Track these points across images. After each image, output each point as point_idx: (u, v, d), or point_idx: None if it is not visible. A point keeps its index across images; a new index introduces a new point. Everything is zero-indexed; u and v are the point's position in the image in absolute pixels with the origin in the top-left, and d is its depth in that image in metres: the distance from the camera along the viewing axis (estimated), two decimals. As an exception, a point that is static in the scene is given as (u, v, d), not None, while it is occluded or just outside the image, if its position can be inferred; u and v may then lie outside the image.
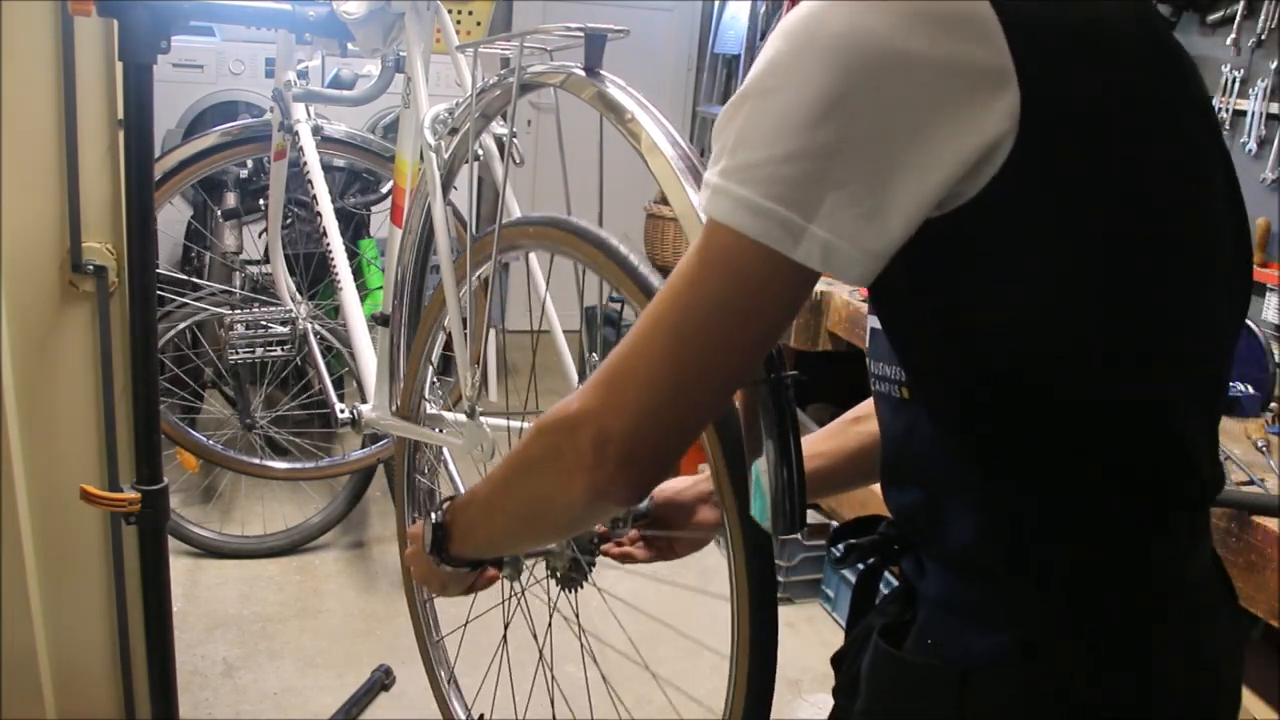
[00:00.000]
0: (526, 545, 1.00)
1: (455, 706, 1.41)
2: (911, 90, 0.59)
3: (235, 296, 2.62)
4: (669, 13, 4.83)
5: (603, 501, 0.69)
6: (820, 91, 0.59)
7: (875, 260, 0.62)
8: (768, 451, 0.78)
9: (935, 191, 0.61)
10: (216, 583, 2.69)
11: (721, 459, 0.82)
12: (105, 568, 1.59)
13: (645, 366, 0.65)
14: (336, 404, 1.84)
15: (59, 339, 1.47)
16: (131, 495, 1.35)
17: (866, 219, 0.60)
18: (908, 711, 0.77)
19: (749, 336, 0.65)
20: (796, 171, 0.60)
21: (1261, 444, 1.74)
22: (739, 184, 0.62)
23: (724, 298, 0.64)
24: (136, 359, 1.34)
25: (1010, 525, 0.72)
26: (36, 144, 1.38)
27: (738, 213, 0.62)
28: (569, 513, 0.74)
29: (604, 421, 0.66)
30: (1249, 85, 2.17)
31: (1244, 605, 1.50)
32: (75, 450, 1.52)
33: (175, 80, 3.05)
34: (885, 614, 0.83)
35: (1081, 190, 0.64)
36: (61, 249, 1.44)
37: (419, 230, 1.44)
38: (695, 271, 0.64)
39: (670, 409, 0.65)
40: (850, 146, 0.60)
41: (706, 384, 0.66)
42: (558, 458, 0.69)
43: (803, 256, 0.61)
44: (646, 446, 0.66)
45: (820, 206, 0.60)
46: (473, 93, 1.19)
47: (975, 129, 0.60)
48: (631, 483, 0.67)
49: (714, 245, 0.64)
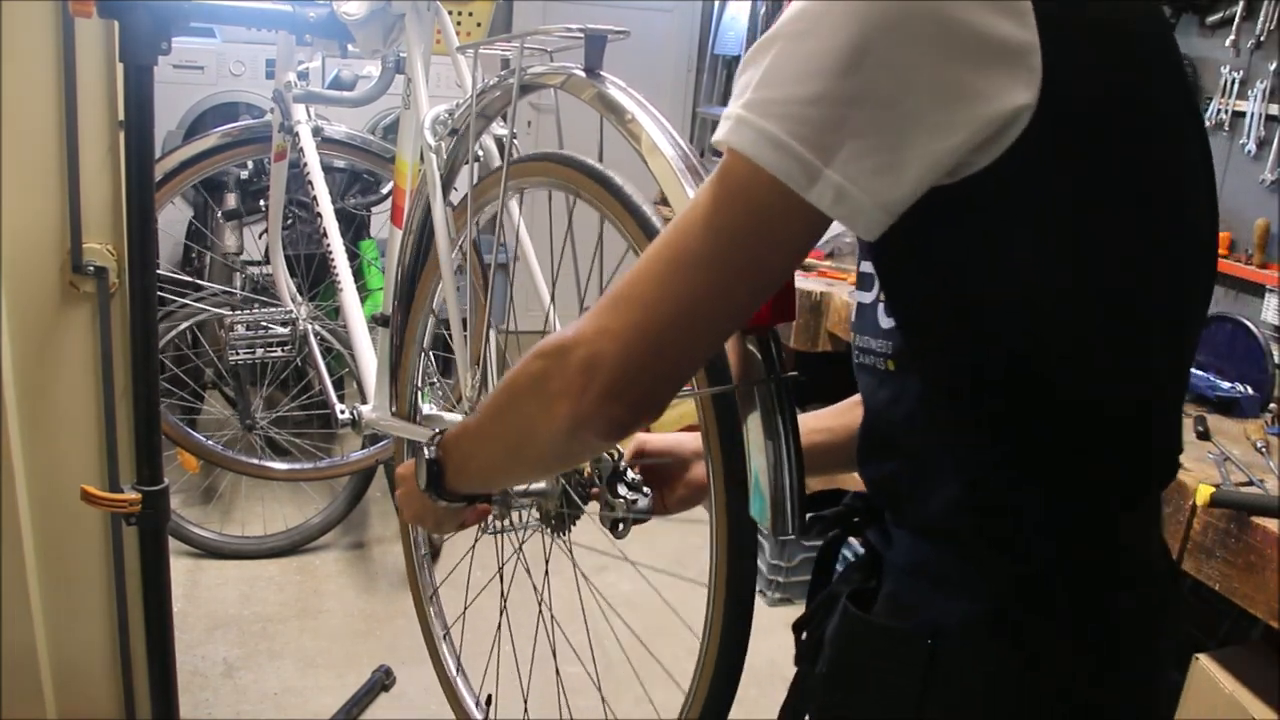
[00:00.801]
0: (517, 478, 0.98)
1: (464, 695, 1.40)
2: (940, 50, 0.60)
3: (236, 297, 2.62)
4: (669, 13, 4.83)
5: (583, 433, 0.68)
6: (850, 40, 0.60)
7: (884, 213, 0.63)
8: (767, 453, 0.78)
9: (951, 153, 0.62)
10: (217, 583, 2.69)
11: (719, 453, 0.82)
12: (106, 568, 1.59)
13: (647, 291, 0.65)
14: (337, 405, 1.85)
15: (60, 340, 1.48)
16: (132, 496, 1.35)
17: (881, 171, 0.61)
18: (873, 671, 0.78)
19: (753, 274, 0.65)
20: (819, 114, 0.61)
21: (1261, 445, 1.74)
22: (761, 116, 0.62)
23: (735, 229, 0.64)
24: (137, 360, 1.34)
25: (990, 496, 0.73)
26: (37, 145, 1.39)
27: (758, 144, 0.62)
28: (551, 444, 0.73)
29: (597, 345, 0.65)
30: (1248, 86, 2.17)
31: (1244, 605, 1.50)
32: (76, 451, 1.52)
33: (176, 81, 3.05)
34: (850, 581, 0.83)
35: (1086, 176, 0.66)
36: (62, 250, 1.44)
37: (419, 231, 1.44)
38: (710, 201, 0.65)
39: (664, 338, 0.65)
40: (873, 98, 0.60)
41: (705, 317, 0.66)
42: (545, 382, 0.68)
43: (815, 198, 0.62)
44: (633, 378, 0.66)
45: (838, 152, 0.61)
46: (473, 93, 1.19)
47: (996, 98, 0.60)
48: (613, 417, 0.67)
49: (731, 176, 0.64)
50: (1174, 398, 0.78)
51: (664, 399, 0.68)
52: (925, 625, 0.75)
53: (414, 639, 2.50)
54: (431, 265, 1.39)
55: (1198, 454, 1.71)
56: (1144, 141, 0.68)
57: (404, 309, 1.48)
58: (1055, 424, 0.71)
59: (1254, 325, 1.96)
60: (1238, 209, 2.23)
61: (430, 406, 1.51)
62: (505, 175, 1.13)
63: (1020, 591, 0.74)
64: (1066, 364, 0.69)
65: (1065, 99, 0.62)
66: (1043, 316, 0.68)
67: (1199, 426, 1.80)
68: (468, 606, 1.38)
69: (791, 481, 0.78)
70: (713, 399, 0.81)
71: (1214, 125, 2.25)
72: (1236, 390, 1.92)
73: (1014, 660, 0.73)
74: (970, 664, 0.74)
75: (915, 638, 0.75)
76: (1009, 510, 0.73)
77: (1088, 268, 0.67)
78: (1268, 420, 1.85)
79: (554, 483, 1.08)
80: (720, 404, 0.81)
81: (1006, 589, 0.74)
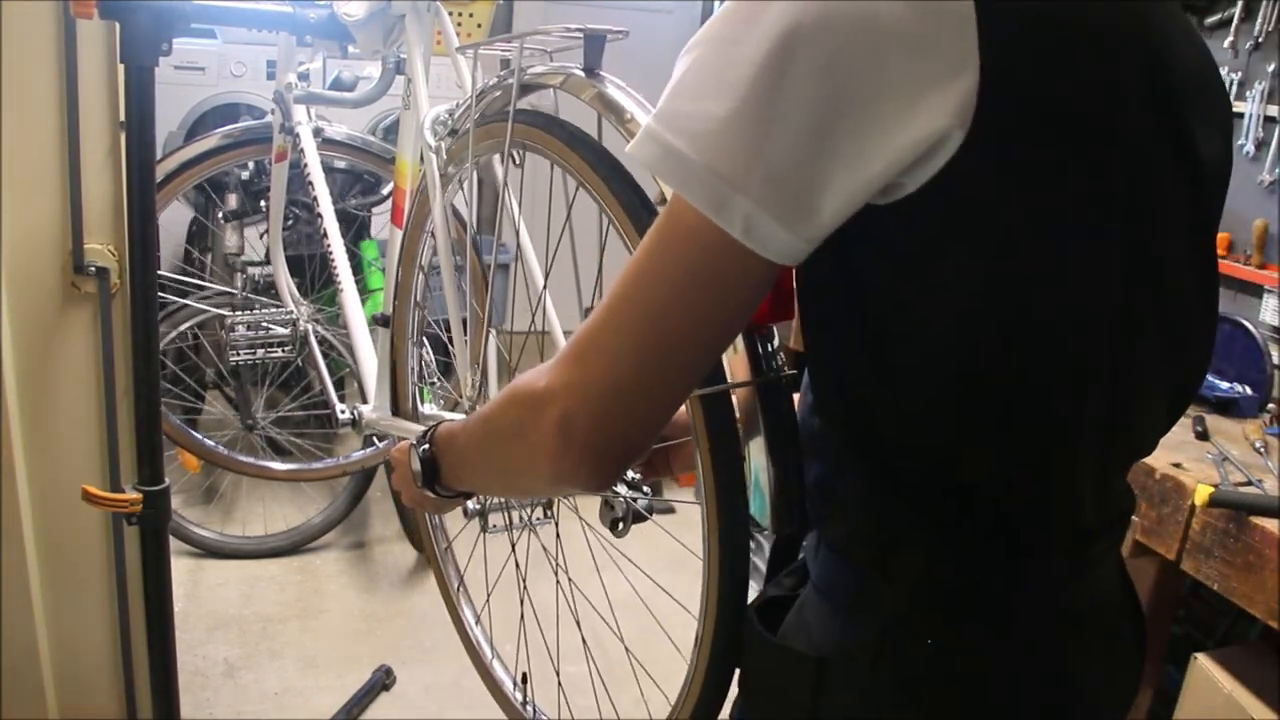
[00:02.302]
0: (507, 495, 0.98)
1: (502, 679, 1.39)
2: (862, 75, 0.55)
3: (236, 297, 2.62)
4: (669, 14, 4.83)
5: (567, 486, 0.67)
6: (771, 55, 0.56)
7: (799, 242, 0.59)
8: (766, 452, 0.79)
9: (869, 184, 0.58)
10: (218, 583, 2.69)
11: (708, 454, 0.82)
12: (107, 568, 1.59)
13: (611, 341, 0.62)
14: (337, 405, 1.85)
15: (61, 340, 1.48)
16: (133, 496, 1.35)
17: (795, 199, 0.58)
18: (772, 690, 0.79)
19: (711, 310, 0.62)
20: (732, 134, 0.57)
21: (1259, 445, 1.74)
22: (669, 130, 0.59)
23: (680, 270, 0.61)
24: (138, 360, 1.34)
25: (884, 523, 0.72)
26: (39, 145, 1.39)
27: (664, 162, 0.59)
28: (537, 488, 0.74)
29: (568, 404, 0.63)
30: (1246, 88, 2.18)
31: (1243, 605, 1.50)
32: (77, 451, 1.52)
33: (177, 82, 3.05)
34: (780, 585, 0.83)
35: (1037, 191, 0.61)
36: (63, 250, 1.44)
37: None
38: (653, 243, 0.62)
39: (636, 389, 0.62)
40: (791, 121, 0.56)
41: (673, 361, 0.63)
42: (524, 435, 0.66)
43: (724, 222, 0.58)
44: (611, 433, 0.63)
45: (750, 176, 0.57)
46: (473, 93, 1.19)
47: (916, 125, 0.56)
48: (595, 471, 0.64)
49: (671, 209, 0.61)
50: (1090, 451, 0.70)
51: (644, 445, 0.66)
52: (818, 647, 0.74)
53: (414, 639, 2.51)
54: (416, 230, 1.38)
55: (1197, 454, 1.71)
56: (1095, 165, 0.62)
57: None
58: (954, 469, 0.68)
59: (1252, 325, 1.96)
60: (1236, 209, 2.23)
61: (431, 406, 1.52)
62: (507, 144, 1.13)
63: (903, 628, 0.72)
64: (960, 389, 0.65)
65: (1012, 110, 0.58)
66: (943, 335, 0.64)
67: (1198, 426, 1.80)
68: (491, 592, 1.39)
69: (789, 480, 0.78)
70: (700, 399, 0.81)
71: (1213, 126, 2.25)
72: (1235, 390, 1.92)
73: (891, 695, 0.72)
74: (852, 692, 0.73)
75: (806, 659, 0.74)
76: (904, 546, 0.71)
77: (1008, 299, 0.62)
78: (1266, 420, 1.85)
79: None
80: (709, 404, 0.81)
81: (892, 623, 0.72)
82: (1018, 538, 0.71)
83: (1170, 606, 1.81)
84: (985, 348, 0.64)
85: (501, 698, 1.36)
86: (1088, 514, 0.72)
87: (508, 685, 1.36)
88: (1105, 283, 0.65)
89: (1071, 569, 0.75)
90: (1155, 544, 1.64)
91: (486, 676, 1.40)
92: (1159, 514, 1.63)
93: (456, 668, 2.38)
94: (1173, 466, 1.64)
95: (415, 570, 2.85)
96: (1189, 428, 1.81)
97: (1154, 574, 1.72)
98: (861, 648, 0.72)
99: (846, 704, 0.73)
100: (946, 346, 0.64)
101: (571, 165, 0.97)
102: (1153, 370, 0.72)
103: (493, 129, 1.13)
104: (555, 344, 1.34)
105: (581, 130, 0.99)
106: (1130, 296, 0.66)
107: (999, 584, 0.72)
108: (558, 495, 0.80)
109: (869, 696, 0.73)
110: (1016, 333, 0.64)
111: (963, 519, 0.70)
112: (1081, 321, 0.65)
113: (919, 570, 0.71)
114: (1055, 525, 0.72)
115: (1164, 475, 1.62)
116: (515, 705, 1.32)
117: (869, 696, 0.73)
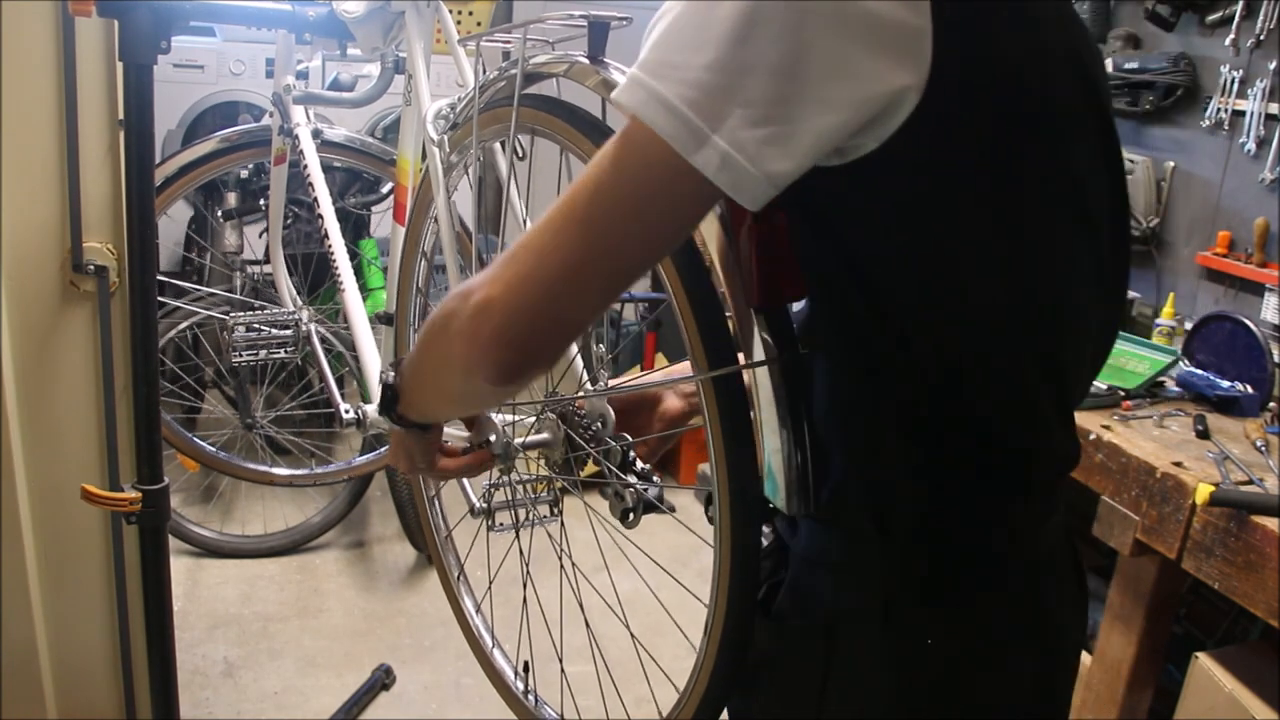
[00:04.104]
0: (446, 411, 0.97)
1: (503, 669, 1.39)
2: (833, 27, 0.61)
3: (236, 297, 2.62)
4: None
5: (475, 376, 0.70)
6: (746, 9, 0.61)
7: (768, 185, 0.64)
8: (780, 433, 0.78)
9: (837, 129, 0.63)
10: (217, 582, 2.69)
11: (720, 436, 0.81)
12: (106, 567, 1.59)
13: (543, 241, 0.67)
14: (341, 404, 1.84)
15: (60, 339, 1.48)
16: (132, 495, 1.35)
17: (767, 142, 0.62)
18: (780, 665, 0.82)
19: (642, 235, 0.66)
20: (710, 80, 0.62)
21: (1260, 444, 1.74)
22: (654, 78, 0.63)
23: (626, 190, 0.65)
24: (137, 359, 1.34)
25: (876, 483, 0.76)
26: (37, 144, 1.39)
27: (648, 105, 0.63)
28: (454, 383, 0.76)
29: (492, 291, 0.67)
30: (1248, 85, 2.17)
31: (1243, 604, 1.50)
32: (76, 450, 1.52)
33: (176, 80, 3.05)
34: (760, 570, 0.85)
35: (980, 158, 0.68)
36: (62, 249, 1.44)
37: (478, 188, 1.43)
38: (609, 160, 0.66)
39: (551, 289, 0.66)
40: (765, 68, 0.61)
41: (592, 272, 0.66)
42: (449, 324, 0.70)
43: (700, 163, 0.62)
44: (520, 324, 0.67)
45: (726, 120, 0.62)
46: (476, 85, 1.18)
47: (882, 78, 0.62)
48: (500, 361, 0.68)
49: (629, 136, 0.65)
50: (1050, 394, 0.78)
51: (552, 348, 0.69)
52: (822, 614, 0.78)
53: (414, 638, 2.51)
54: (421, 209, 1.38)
55: (1197, 453, 1.71)
56: (1036, 133, 0.70)
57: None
58: (936, 409, 0.74)
59: (1254, 324, 1.96)
60: (1237, 208, 2.23)
61: None
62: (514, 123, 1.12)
63: (906, 580, 0.76)
64: (942, 349, 0.72)
65: (954, 86, 0.64)
66: (915, 296, 0.71)
67: (1198, 425, 1.80)
68: (493, 580, 1.38)
69: (805, 460, 0.78)
70: (712, 381, 0.80)
71: (1213, 124, 2.25)
72: (1236, 389, 1.92)
73: (904, 649, 0.76)
74: (865, 654, 0.77)
75: (814, 629, 0.78)
76: (895, 497, 0.76)
77: (970, 255, 0.70)
78: (1267, 419, 1.85)
79: (556, 431, 1.07)
80: (721, 385, 0.80)
81: (894, 577, 0.76)
82: (1004, 482, 0.77)
83: (1171, 606, 1.80)
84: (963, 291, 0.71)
85: (502, 687, 1.35)
86: (1055, 449, 0.80)
87: (509, 674, 1.35)
88: (1055, 229, 0.74)
89: (1041, 510, 0.81)
90: (1156, 543, 1.64)
91: (487, 666, 1.39)
92: (1159, 513, 1.63)
93: (456, 667, 2.38)
94: (1174, 465, 1.64)
95: (415, 569, 2.85)
96: (1190, 426, 1.81)
97: (1155, 573, 1.72)
98: (868, 608, 0.76)
99: (859, 667, 0.77)
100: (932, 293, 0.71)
101: (584, 150, 0.97)
102: (1088, 307, 0.80)
103: (499, 113, 1.13)
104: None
105: (592, 114, 0.99)
106: (1069, 239, 0.75)
107: (987, 528, 0.77)
108: (472, 394, 0.80)
109: (881, 655, 0.76)
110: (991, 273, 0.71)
111: (953, 463, 0.75)
112: (1037, 261, 0.73)
113: (916, 519, 0.76)
114: (1034, 461, 0.78)
115: (1165, 474, 1.62)
116: (517, 695, 1.32)
117: (881, 655, 0.76)
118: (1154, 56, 2.36)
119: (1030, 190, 0.72)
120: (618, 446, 1.00)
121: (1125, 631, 1.79)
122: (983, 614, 0.78)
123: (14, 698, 1.57)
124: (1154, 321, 2.26)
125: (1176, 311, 2.25)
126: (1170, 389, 1.98)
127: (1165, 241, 2.42)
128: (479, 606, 1.45)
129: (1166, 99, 2.33)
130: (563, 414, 1.07)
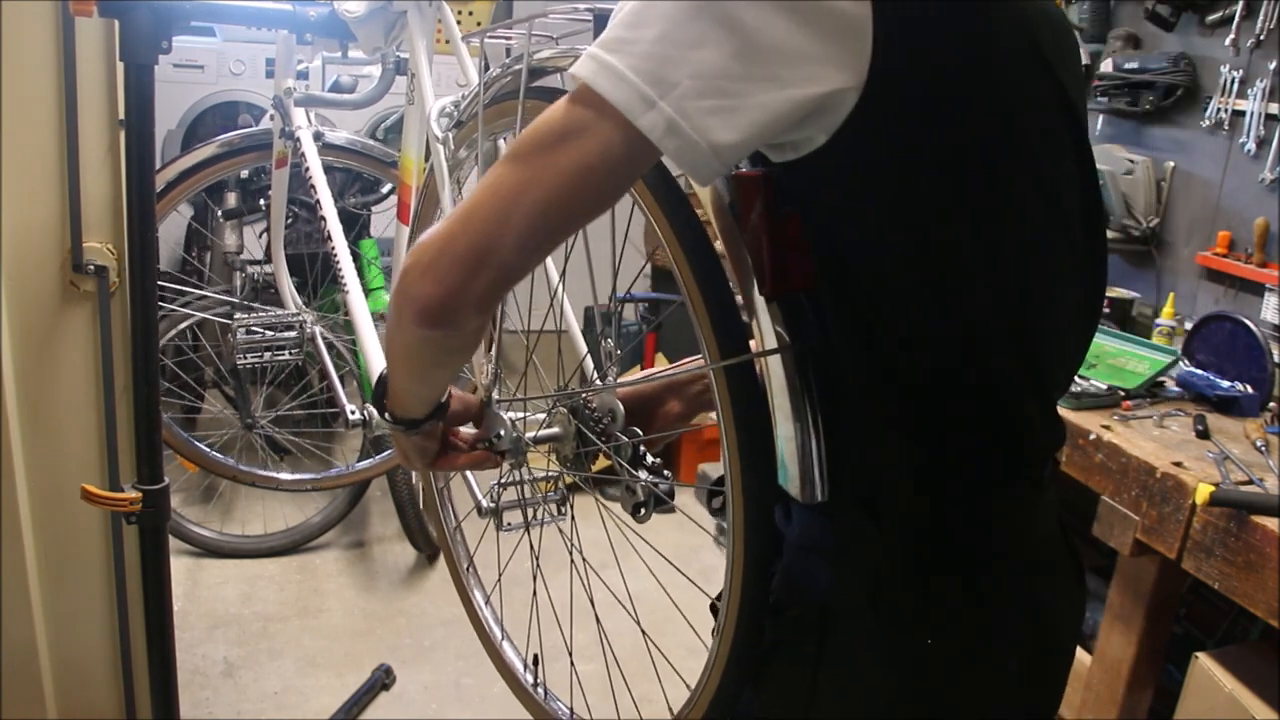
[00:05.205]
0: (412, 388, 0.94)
1: (513, 661, 1.39)
2: (782, 10, 0.64)
3: (236, 298, 2.62)
4: None
5: (405, 315, 0.72)
6: None
7: (713, 158, 0.66)
8: (793, 421, 0.78)
9: (782, 106, 0.65)
10: (217, 582, 2.69)
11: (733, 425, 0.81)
12: (106, 567, 1.59)
13: (486, 190, 0.69)
14: (346, 405, 1.84)
15: (60, 339, 1.48)
16: (132, 495, 1.35)
17: (713, 113, 0.65)
18: (775, 654, 0.83)
19: (580, 192, 0.68)
20: (660, 52, 0.65)
21: (1260, 444, 1.74)
22: (609, 52, 0.66)
23: (569, 148, 0.67)
24: (137, 359, 1.34)
25: (867, 470, 0.77)
26: (38, 144, 1.39)
27: (601, 76, 0.66)
28: (399, 340, 0.78)
29: (433, 232, 0.70)
30: (1248, 85, 2.17)
31: (1243, 604, 1.50)
32: (76, 450, 1.52)
33: (176, 80, 3.05)
34: None
35: (931, 152, 0.70)
36: (62, 249, 1.44)
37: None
38: (555, 119, 0.68)
39: (473, 222, 0.68)
40: (713, 44, 0.64)
41: (518, 206, 0.68)
42: (404, 271, 0.73)
43: (646, 126, 0.65)
44: (443, 256, 0.69)
45: (674, 89, 0.65)
46: (480, 80, 1.18)
47: (826, 62, 0.65)
48: (421, 295, 0.70)
49: (576, 100, 0.68)
50: (1030, 380, 0.80)
51: (476, 285, 0.69)
52: (814, 600, 0.79)
53: (414, 638, 2.51)
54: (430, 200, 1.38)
55: (1197, 453, 1.71)
56: (993, 131, 0.72)
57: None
58: (919, 401, 0.76)
59: (1254, 324, 1.96)
60: (1237, 208, 2.23)
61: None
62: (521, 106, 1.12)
63: (894, 563, 0.78)
64: (925, 341, 0.74)
65: (898, 81, 0.66)
66: (890, 287, 0.73)
67: (1198, 425, 1.80)
68: (502, 573, 1.38)
69: (818, 448, 0.78)
70: (725, 371, 0.80)
71: (1213, 124, 2.25)
72: (1236, 389, 1.92)
73: (893, 631, 0.78)
74: (857, 635, 0.79)
75: (808, 611, 0.79)
76: (883, 481, 0.77)
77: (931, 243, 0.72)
78: (1267, 419, 1.85)
79: (568, 426, 1.07)
80: (734, 374, 0.80)
81: (882, 560, 0.78)
82: (988, 462, 0.79)
83: (1171, 606, 1.80)
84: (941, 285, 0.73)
85: (512, 680, 1.35)
86: (1038, 434, 0.82)
87: (518, 667, 1.35)
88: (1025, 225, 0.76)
89: (1029, 495, 0.82)
90: (1156, 543, 1.64)
91: (496, 659, 1.39)
92: (1159, 513, 1.63)
93: (456, 667, 2.38)
94: (1173, 465, 1.64)
95: (415, 570, 2.85)
96: (1190, 426, 1.81)
97: (1155, 573, 1.72)
98: (860, 590, 0.78)
99: (852, 648, 0.78)
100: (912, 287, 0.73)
101: None
102: (1067, 289, 0.82)
103: (504, 108, 1.12)
104: (569, 321, 1.33)
105: None
106: (1037, 226, 0.77)
107: (976, 516, 0.79)
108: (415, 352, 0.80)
109: (872, 635, 0.78)
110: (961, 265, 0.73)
111: (941, 449, 0.77)
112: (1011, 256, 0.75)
113: (903, 503, 0.77)
114: (1017, 446, 0.80)
115: (1164, 474, 1.62)
116: (527, 688, 1.31)
117: (872, 635, 0.78)
118: (1154, 56, 2.36)
119: (997, 187, 0.73)
120: (629, 441, 1.00)
121: (1125, 631, 1.79)
122: (973, 601, 0.79)
123: (14, 698, 1.57)
124: (1154, 321, 2.26)
125: (1176, 311, 2.25)
126: (1170, 389, 1.98)
127: (1165, 241, 2.42)
128: (488, 599, 1.44)
129: (1166, 99, 2.33)
130: (573, 409, 1.07)
